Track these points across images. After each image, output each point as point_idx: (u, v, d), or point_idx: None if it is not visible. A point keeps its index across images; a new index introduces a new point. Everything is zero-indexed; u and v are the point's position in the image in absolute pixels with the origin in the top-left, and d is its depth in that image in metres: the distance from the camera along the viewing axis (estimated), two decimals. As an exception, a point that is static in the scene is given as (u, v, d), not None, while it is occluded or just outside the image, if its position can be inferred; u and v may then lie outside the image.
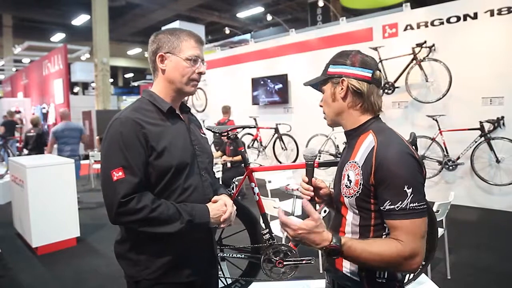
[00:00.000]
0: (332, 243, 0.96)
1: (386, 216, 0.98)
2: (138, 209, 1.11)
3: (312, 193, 1.22)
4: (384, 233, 1.03)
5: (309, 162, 1.26)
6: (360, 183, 1.01)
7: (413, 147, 1.05)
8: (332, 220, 1.22)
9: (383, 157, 0.97)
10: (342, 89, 1.09)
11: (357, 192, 1.02)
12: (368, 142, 1.04)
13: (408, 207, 0.93)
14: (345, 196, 1.06)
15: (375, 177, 0.98)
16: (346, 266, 1.10)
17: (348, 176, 1.06)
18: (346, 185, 1.06)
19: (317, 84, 1.18)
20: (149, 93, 1.29)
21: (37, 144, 6.62)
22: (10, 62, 17.08)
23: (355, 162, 1.04)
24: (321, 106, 1.19)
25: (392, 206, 0.95)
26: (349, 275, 1.09)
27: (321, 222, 0.98)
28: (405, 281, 1.12)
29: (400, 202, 0.94)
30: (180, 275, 1.24)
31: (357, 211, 1.05)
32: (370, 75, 1.08)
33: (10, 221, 4.46)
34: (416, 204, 0.94)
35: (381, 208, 0.98)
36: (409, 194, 0.93)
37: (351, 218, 1.07)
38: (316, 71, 1.16)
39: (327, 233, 0.98)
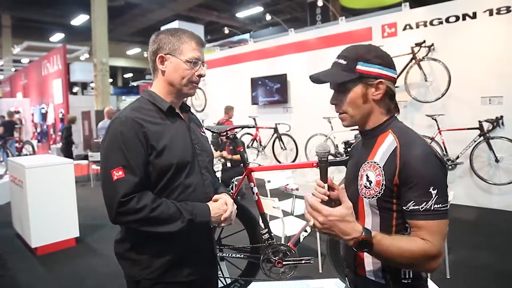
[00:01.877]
0: (363, 234, 0.92)
1: (409, 216, 0.96)
2: (139, 208, 1.11)
3: (327, 196, 1.10)
4: (406, 233, 1.01)
5: (322, 159, 1.16)
6: (382, 184, 0.99)
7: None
8: None
9: (408, 158, 0.96)
10: (377, 91, 1.05)
11: (379, 193, 1.00)
12: (388, 143, 1.02)
13: (432, 208, 0.92)
14: (365, 197, 1.04)
15: (399, 177, 0.96)
16: (369, 270, 1.07)
17: (368, 177, 1.03)
18: (365, 186, 1.04)
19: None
20: (149, 93, 1.29)
21: (61, 138, 7.19)
22: (9, 62, 17.07)
23: (375, 163, 1.02)
24: (334, 103, 1.11)
25: (416, 207, 0.94)
26: (373, 279, 1.06)
27: (352, 212, 0.95)
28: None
29: (425, 203, 0.93)
30: (180, 274, 1.24)
31: (377, 212, 1.03)
32: (396, 76, 1.07)
33: (10, 222, 4.46)
34: (440, 205, 0.93)
35: (404, 208, 0.96)
36: (433, 195, 0.93)
37: (370, 220, 1.05)
38: (315, 71, 1.14)
39: (358, 224, 0.94)
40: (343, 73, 1.04)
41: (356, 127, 1.12)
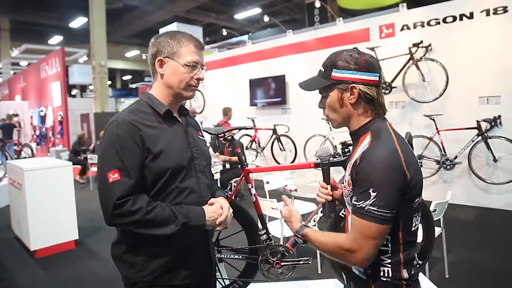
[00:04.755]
0: (297, 230, 1.15)
1: (351, 208, 1.03)
2: (133, 211, 1.11)
3: (330, 196, 1.23)
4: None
5: (324, 162, 1.26)
6: (351, 182, 1.04)
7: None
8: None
9: (364, 157, 0.99)
10: (351, 95, 1.06)
11: (351, 191, 1.03)
12: (364, 144, 1.04)
13: (366, 208, 0.96)
14: (344, 196, 1.09)
15: (352, 174, 1.03)
16: (355, 266, 1.11)
17: (344, 176, 1.10)
18: (344, 185, 1.11)
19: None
20: (148, 95, 1.29)
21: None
22: (7, 65, 17.06)
23: (351, 163, 1.06)
24: (321, 107, 1.16)
25: (355, 202, 1.00)
26: (357, 273, 1.11)
27: (294, 214, 1.21)
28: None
29: (362, 201, 0.97)
30: (176, 277, 1.24)
31: (350, 209, 1.08)
32: (377, 78, 1.06)
33: (8, 225, 4.45)
34: (376, 208, 0.95)
35: (351, 201, 1.03)
36: (371, 197, 0.95)
37: (350, 219, 1.08)
38: (314, 72, 1.15)
39: (298, 223, 1.18)
40: (321, 80, 1.11)
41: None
